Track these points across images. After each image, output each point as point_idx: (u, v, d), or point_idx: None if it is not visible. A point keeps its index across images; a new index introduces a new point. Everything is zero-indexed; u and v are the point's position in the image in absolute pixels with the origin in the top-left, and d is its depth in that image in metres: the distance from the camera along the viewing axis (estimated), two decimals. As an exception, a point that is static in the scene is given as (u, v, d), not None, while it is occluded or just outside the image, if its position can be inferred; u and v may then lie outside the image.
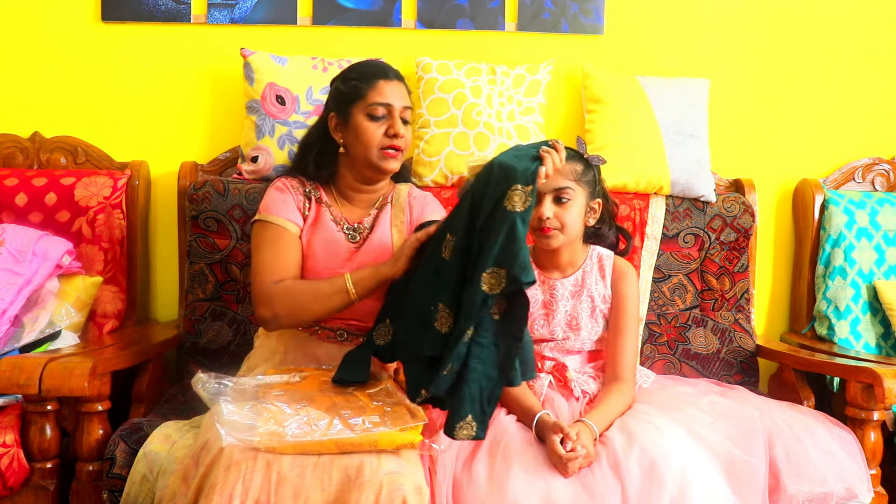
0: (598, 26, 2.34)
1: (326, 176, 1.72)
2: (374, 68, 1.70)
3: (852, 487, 1.51)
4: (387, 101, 1.63)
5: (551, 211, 1.60)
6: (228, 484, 1.22)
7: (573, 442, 1.39)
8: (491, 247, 1.33)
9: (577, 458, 1.37)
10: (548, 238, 1.62)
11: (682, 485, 1.35)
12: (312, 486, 1.24)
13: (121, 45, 2.28)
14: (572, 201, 1.61)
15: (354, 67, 1.74)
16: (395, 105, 1.64)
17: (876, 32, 2.41)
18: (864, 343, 2.20)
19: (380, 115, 1.63)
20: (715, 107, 2.29)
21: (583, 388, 1.63)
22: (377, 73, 1.67)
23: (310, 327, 1.66)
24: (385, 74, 1.67)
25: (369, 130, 1.63)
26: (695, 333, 2.14)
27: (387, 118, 1.64)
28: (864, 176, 2.39)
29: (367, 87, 1.64)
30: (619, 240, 1.78)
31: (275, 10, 2.28)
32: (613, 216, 1.77)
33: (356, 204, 1.72)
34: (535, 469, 1.39)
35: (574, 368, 1.67)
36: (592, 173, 1.66)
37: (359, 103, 1.64)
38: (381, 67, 1.70)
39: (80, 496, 1.58)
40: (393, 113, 1.64)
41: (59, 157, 2.22)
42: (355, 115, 1.65)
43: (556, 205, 1.61)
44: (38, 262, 1.89)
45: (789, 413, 1.63)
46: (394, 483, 1.24)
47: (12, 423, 1.61)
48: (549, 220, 1.60)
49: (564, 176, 1.60)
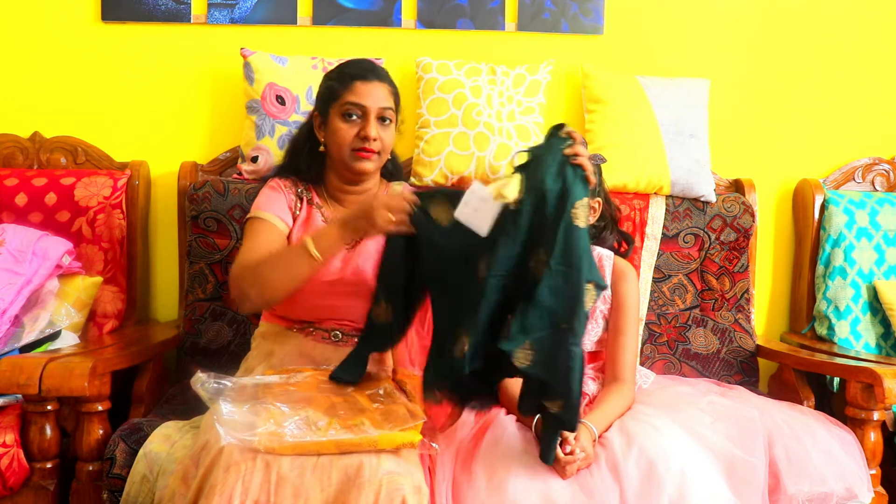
0: (598, 26, 2.34)
1: (315, 176, 1.72)
2: (354, 68, 1.67)
3: (852, 487, 1.51)
4: (360, 102, 1.61)
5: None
6: (228, 484, 1.22)
7: (571, 445, 1.39)
8: (580, 268, 1.31)
9: (574, 462, 1.37)
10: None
11: (680, 486, 1.35)
12: (312, 486, 1.24)
13: (121, 45, 2.28)
14: None
15: (337, 67, 1.72)
16: (369, 106, 1.61)
17: (876, 32, 2.41)
18: (864, 343, 2.20)
19: (354, 115, 1.62)
20: (715, 107, 2.29)
21: (583, 389, 1.62)
22: (355, 73, 1.65)
23: (304, 328, 1.65)
24: (363, 75, 1.64)
25: (341, 131, 1.62)
26: (695, 333, 2.14)
27: (360, 119, 1.62)
28: (864, 176, 2.39)
29: (342, 87, 1.63)
30: (620, 243, 1.78)
31: (275, 10, 2.28)
32: (616, 220, 1.77)
33: (346, 205, 1.71)
34: (534, 470, 1.39)
35: None
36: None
37: (335, 103, 1.63)
38: (362, 67, 1.67)
39: (80, 496, 1.58)
40: (367, 114, 1.61)
41: (59, 157, 2.22)
42: (332, 115, 1.64)
43: None
44: (38, 262, 1.89)
45: (789, 413, 1.63)
46: (393, 483, 1.24)
47: (12, 423, 1.61)
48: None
49: None
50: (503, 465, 1.39)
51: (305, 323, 1.65)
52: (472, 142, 2.16)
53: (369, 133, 1.61)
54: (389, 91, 1.67)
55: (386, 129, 1.65)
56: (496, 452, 1.43)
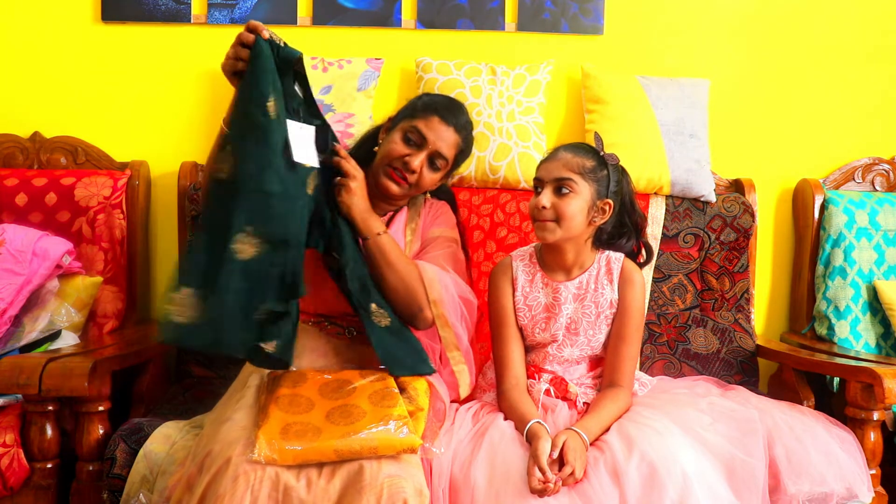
0: (598, 26, 2.34)
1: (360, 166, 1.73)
2: (442, 103, 1.68)
3: (852, 487, 1.51)
4: (425, 134, 1.62)
5: (549, 201, 1.57)
6: (237, 494, 1.22)
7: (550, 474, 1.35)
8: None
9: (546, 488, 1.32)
10: (543, 231, 1.58)
11: (683, 490, 1.33)
12: (317, 495, 1.24)
13: (121, 45, 2.28)
14: (574, 195, 1.56)
15: (433, 95, 1.76)
16: (430, 141, 1.62)
17: (876, 33, 2.41)
18: (863, 343, 2.21)
19: (412, 140, 1.63)
20: (715, 107, 2.29)
21: (584, 400, 1.60)
22: (440, 108, 1.65)
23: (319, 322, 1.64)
24: (444, 114, 1.64)
25: (394, 144, 1.63)
26: (695, 333, 2.14)
27: (416, 147, 1.63)
28: (864, 176, 2.39)
29: (421, 112, 1.64)
30: (639, 251, 1.72)
31: (275, 10, 2.28)
32: (640, 230, 1.70)
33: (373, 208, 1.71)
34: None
35: (574, 380, 1.64)
36: (606, 173, 1.59)
37: (406, 120, 1.65)
38: (448, 108, 1.67)
39: (80, 496, 1.58)
40: (424, 147, 1.62)
41: (59, 157, 2.22)
42: (398, 128, 1.65)
43: (555, 195, 1.57)
44: (38, 262, 1.89)
45: (789, 413, 1.62)
46: (394, 486, 1.24)
47: (12, 423, 1.62)
48: (545, 209, 1.56)
49: (569, 168, 1.56)
50: (502, 472, 1.38)
51: (321, 317, 1.65)
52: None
53: (412, 162, 1.61)
54: (456, 142, 1.66)
55: (431, 171, 1.65)
56: (494, 458, 1.41)
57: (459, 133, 1.66)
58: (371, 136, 1.77)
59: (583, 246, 1.64)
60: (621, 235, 1.67)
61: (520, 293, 1.67)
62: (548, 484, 1.32)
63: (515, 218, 2.14)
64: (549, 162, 1.60)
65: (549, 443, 1.39)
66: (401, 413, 1.35)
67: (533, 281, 1.68)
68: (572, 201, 1.56)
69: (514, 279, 1.68)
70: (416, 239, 1.70)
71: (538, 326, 1.66)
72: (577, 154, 1.58)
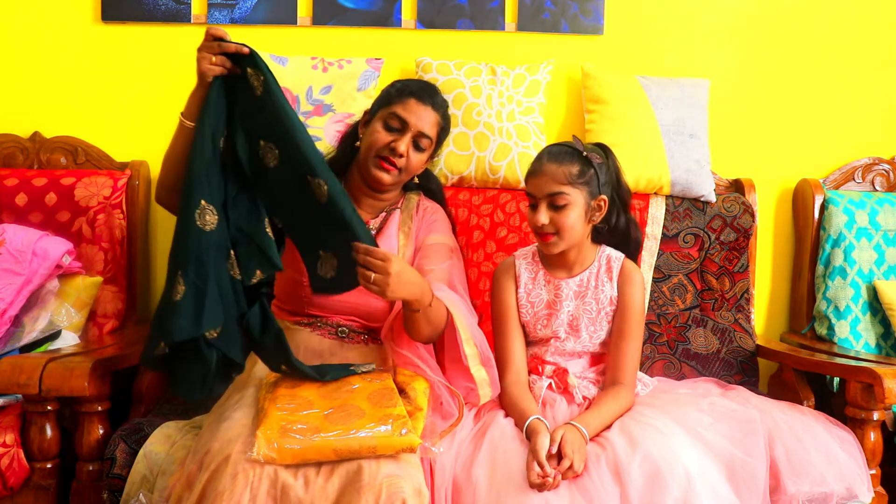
0: (598, 26, 2.34)
1: (343, 168, 1.74)
2: (416, 86, 1.69)
3: (852, 487, 1.51)
4: (405, 117, 1.63)
5: (547, 217, 1.57)
6: (237, 491, 1.23)
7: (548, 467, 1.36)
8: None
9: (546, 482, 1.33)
10: (547, 245, 1.61)
11: (686, 489, 1.33)
12: (315, 493, 1.24)
13: (121, 45, 2.28)
14: (569, 207, 1.57)
15: (405, 80, 1.77)
16: (411, 123, 1.63)
17: (876, 33, 2.41)
18: (863, 343, 2.20)
19: (393, 127, 1.64)
20: (715, 107, 2.29)
21: (584, 394, 1.61)
22: (415, 90, 1.67)
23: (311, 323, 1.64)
24: (420, 95, 1.66)
25: (376, 134, 1.64)
26: (695, 333, 2.14)
27: (399, 132, 1.64)
28: (864, 176, 2.39)
29: (397, 97, 1.66)
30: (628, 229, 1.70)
31: (275, 10, 2.28)
32: (627, 205, 1.69)
33: (364, 208, 1.72)
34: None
35: (575, 373, 1.64)
36: (592, 171, 1.59)
37: (384, 109, 1.66)
38: (423, 89, 1.69)
39: (80, 496, 1.58)
40: (406, 130, 1.63)
41: (59, 157, 2.22)
42: (377, 117, 1.67)
43: (551, 210, 1.58)
44: (38, 262, 1.89)
45: (789, 413, 1.62)
46: (393, 486, 1.24)
47: (12, 423, 1.62)
48: (545, 226, 1.58)
49: (557, 181, 1.56)
50: (503, 470, 1.39)
51: (313, 318, 1.65)
52: (471, 142, 2.16)
53: (399, 147, 1.62)
54: (437, 121, 1.68)
55: (417, 153, 1.66)
56: (495, 456, 1.42)
57: (437, 111, 1.68)
58: (350, 134, 1.78)
59: (583, 244, 1.67)
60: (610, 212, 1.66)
61: (522, 290, 1.69)
62: (546, 478, 1.33)
63: (515, 218, 2.14)
64: (537, 177, 1.59)
65: (547, 438, 1.40)
66: (400, 413, 1.35)
67: (535, 278, 1.69)
68: (569, 213, 1.58)
69: (517, 277, 1.70)
70: (410, 243, 1.71)
71: (540, 323, 1.67)
72: (562, 163, 1.57)
